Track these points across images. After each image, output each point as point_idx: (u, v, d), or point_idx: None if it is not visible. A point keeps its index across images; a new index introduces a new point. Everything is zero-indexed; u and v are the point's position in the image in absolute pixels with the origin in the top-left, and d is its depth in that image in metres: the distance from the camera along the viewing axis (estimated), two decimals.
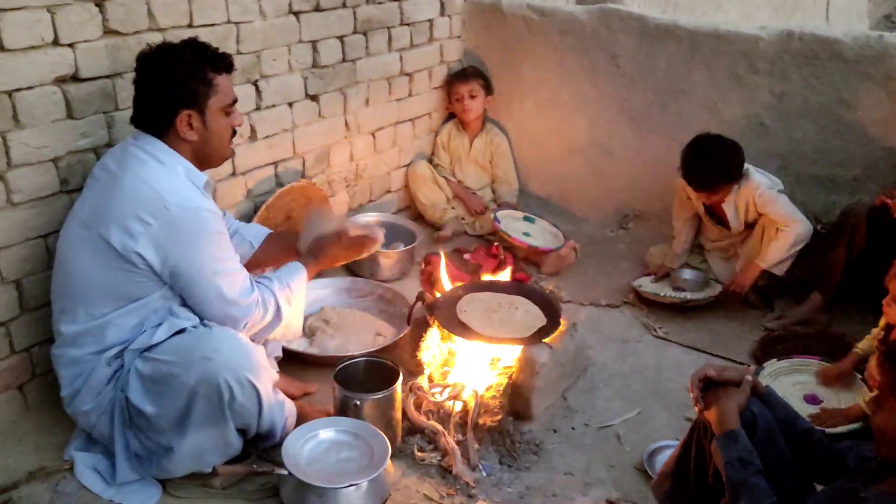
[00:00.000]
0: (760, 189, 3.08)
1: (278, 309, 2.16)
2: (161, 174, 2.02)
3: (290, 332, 2.25)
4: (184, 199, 2.00)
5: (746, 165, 3.12)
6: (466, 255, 3.46)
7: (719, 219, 3.29)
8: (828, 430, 2.32)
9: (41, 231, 2.26)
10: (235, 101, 2.17)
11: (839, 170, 3.40)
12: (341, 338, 2.85)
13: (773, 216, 3.09)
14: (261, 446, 2.22)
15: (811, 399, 2.54)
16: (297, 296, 2.22)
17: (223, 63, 2.11)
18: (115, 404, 2.06)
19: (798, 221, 3.07)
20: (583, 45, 3.75)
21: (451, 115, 3.98)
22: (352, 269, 3.33)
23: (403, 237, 3.47)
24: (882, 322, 2.47)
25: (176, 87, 2.02)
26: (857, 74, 3.25)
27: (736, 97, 3.47)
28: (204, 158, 2.15)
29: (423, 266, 3.43)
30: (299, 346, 2.76)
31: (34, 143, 2.17)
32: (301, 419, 2.26)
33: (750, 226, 3.23)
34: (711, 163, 3.03)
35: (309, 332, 2.88)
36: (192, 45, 2.09)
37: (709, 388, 1.80)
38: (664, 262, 3.44)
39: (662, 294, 3.23)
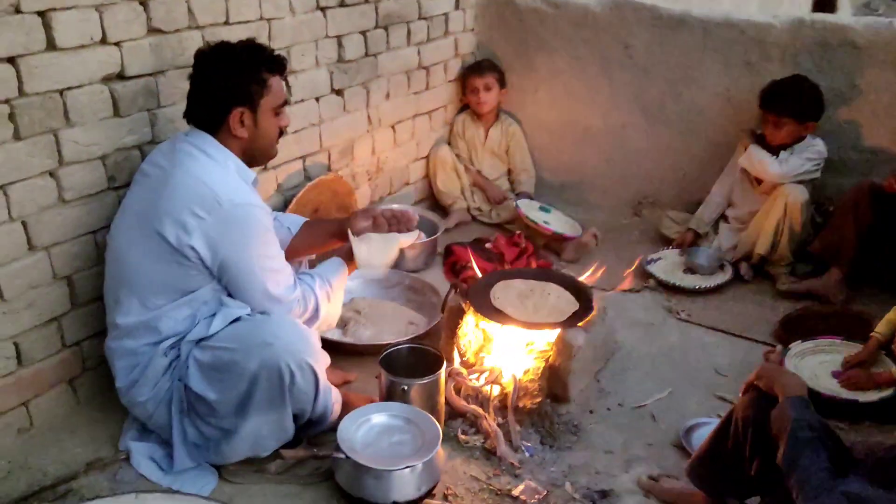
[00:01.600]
0: (820, 145, 3.30)
1: (317, 308, 2.22)
2: (212, 170, 2.08)
3: (324, 325, 2.30)
4: (235, 195, 2.05)
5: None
6: (488, 244, 3.52)
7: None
8: (860, 400, 2.42)
9: (91, 227, 2.31)
10: (286, 102, 2.23)
11: (851, 153, 3.50)
12: (374, 328, 2.91)
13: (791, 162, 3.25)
14: (311, 433, 2.28)
15: (839, 375, 2.62)
16: (337, 292, 2.29)
17: (277, 65, 2.17)
18: (172, 393, 2.12)
19: (783, 177, 3.24)
20: (596, 36, 3.82)
21: (464, 107, 4.05)
22: None
23: (425, 228, 3.50)
24: None
25: (232, 85, 2.08)
26: (868, 60, 3.34)
27: (748, 84, 3.54)
28: (252, 156, 2.21)
29: (445, 256, 3.51)
30: (333, 335, 2.81)
31: (84, 140, 2.22)
32: (346, 406, 2.32)
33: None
34: (810, 90, 3.24)
35: (341, 323, 2.93)
36: (250, 45, 2.15)
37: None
38: (692, 226, 3.57)
39: (673, 281, 3.33)
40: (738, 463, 1.89)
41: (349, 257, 2.35)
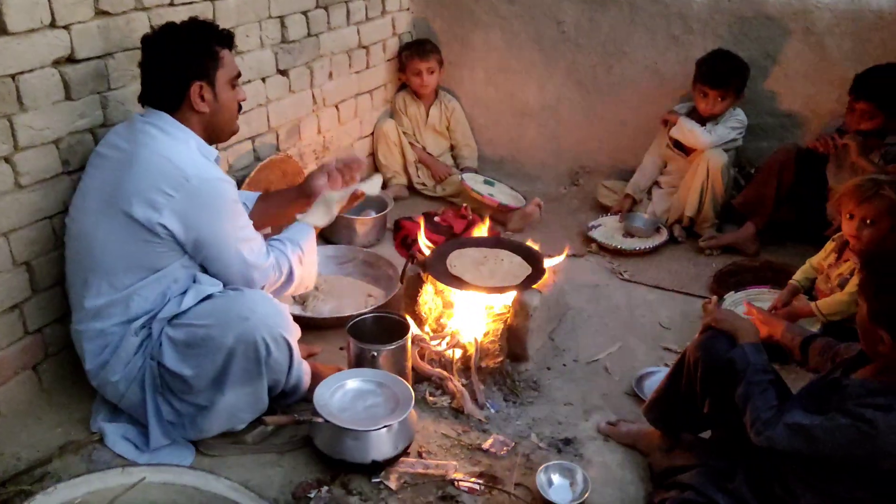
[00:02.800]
0: (741, 115, 3.56)
1: (291, 272, 2.28)
2: (175, 147, 2.10)
3: (301, 288, 2.37)
4: (202, 171, 2.09)
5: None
6: (436, 218, 3.62)
7: (683, 149, 3.66)
8: None
9: (47, 212, 2.29)
10: (239, 74, 2.26)
11: (767, 118, 3.75)
12: (334, 301, 2.98)
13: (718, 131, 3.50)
14: (283, 403, 2.35)
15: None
16: (309, 255, 2.35)
17: (226, 39, 2.22)
18: (144, 372, 2.14)
19: (711, 144, 3.47)
20: (528, 12, 3.95)
21: (403, 85, 4.12)
22: (328, 238, 3.45)
23: (374, 205, 3.60)
24: (824, 251, 2.81)
25: (187, 60, 2.11)
26: (781, 30, 3.58)
27: (674, 56, 3.75)
28: (214, 131, 2.24)
29: (394, 231, 3.59)
30: (294, 310, 2.86)
31: (37, 125, 2.20)
32: (315, 377, 2.39)
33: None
34: (736, 63, 3.47)
35: (300, 300, 2.99)
36: (197, 23, 2.18)
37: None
38: (629, 192, 3.78)
39: (615, 245, 3.53)
40: (691, 401, 2.07)
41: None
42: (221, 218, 2.10)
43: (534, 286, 2.69)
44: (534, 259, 2.84)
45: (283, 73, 3.21)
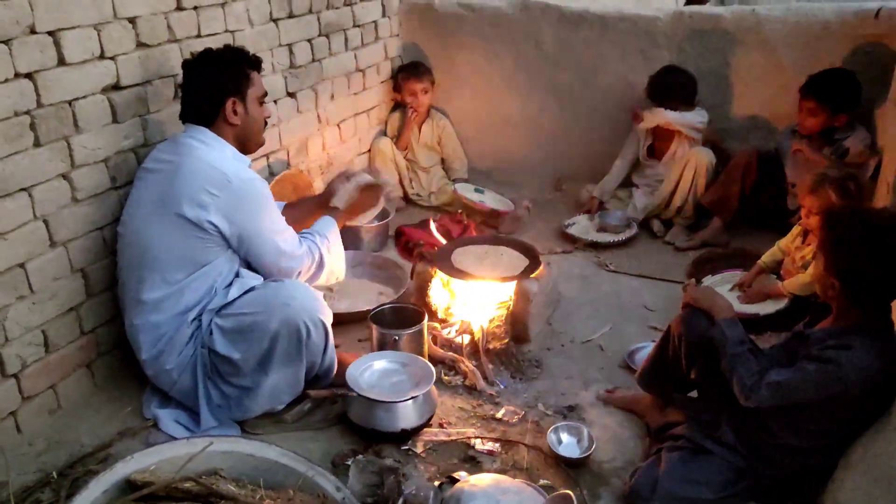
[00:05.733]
0: (705, 116, 3.89)
1: (321, 258, 2.58)
2: (215, 155, 2.41)
3: (333, 277, 2.66)
4: (241, 173, 2.39)
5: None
6: (434, 224, 3.91)
7: (653, 152, 4.02)
8: (761, 313, 2.98)
9: (98, 224, 2.55)
10: (266, 94, 2.58)
11: (729, 122, 4.12)
12: (348, 300, 3.26)
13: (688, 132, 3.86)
14: (317, 386, 2.61)
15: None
16: (335, 244, 2.64)
17: (255, 62, 2.55)
18: (196, 359, 2.41)
19: (679, 120, 3.84)
20: (510, 34, 4.29)
21: (395, 105, 4.44)
22: None
23: (377, 214, 3.88)
24: (791, 234, 3.16)
25: (223, 79, 2.44)
26: (738, 42, 3.95)
27: (643, 69, 4.09)
28: (245, 143, 2.55)
29: (396, 238, 3.89)
30: None
31: (91, 145, 2.47)
32: (340, 364, 2.65)
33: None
34: (678, 79, 3.82)
35: None
36: (231, 48, 2.52)
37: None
38: (595, 194, 4.13)
39: (591, 239, 3.89)
40: (677, 368, 2.37)
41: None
42: (260, 212, 2.40)
43: (532, 276, 3.00)
44: (530, 253, 3.15)
45: (292, 95, 3.51)
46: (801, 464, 2.10)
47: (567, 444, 2.42)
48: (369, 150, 4.28)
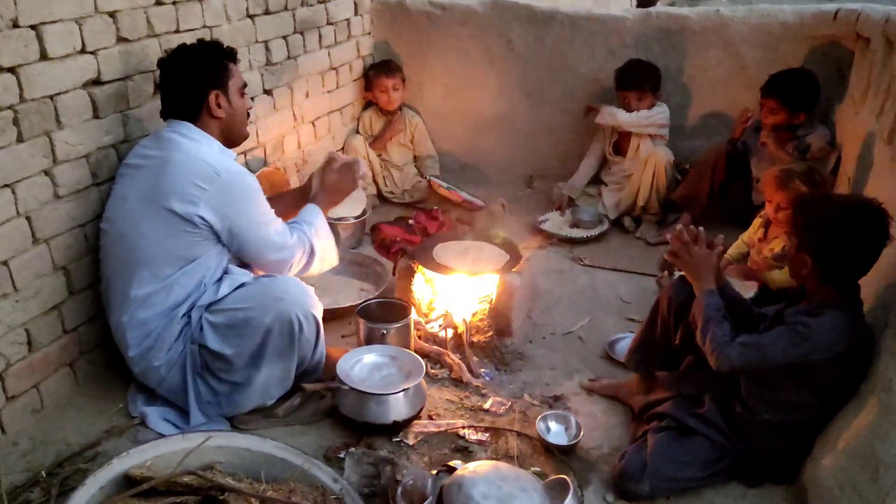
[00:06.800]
0: (666, 111, 4.02)
1: (312, 246, 2.57)
2: (202, 149, 2.40)
3: (327, 264, 2.66)
4: (228, 166, 2.39)
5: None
6: (410, 221, 3.94)
7: (619, 150, 4.13)
8: None
9: (80, 221, 2.51)
10: (246, 84, 2.58)
11: (694, 120, 4.24)
12: (330, 297, 3.26)
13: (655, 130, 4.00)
14: (306, 381, 2.61)
15: None
16: (323, 230, 2.64)
17: (231, 54, 2.56)
18: (185, 355, 2.39)
19: (630, 122, 3.98)
20: (481, 33, 4.34)
21: (368, 104, 4.45)
22: None
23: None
24: (753, 227, 3.27)
25: (203, 73, 2.43)
26: (703, 42, 4.07)
27: (612, 67, 4.17)
28: (230, 136, 2.54)
29: (372, 234, 3.90)
30: None
31: (72, 141, 2.43)
32: (327, 359, 2.67)
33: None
34: (645, 67, 3.97)
35: None
36: (205, 42, 2.53)
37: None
38: (565, 192, 4.22)
39: (565, 234, 3.98)
40: (666, 341, 2.46)
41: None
42: (250, 205, 2.40)
43: (514, 269, 3.05)
44: (510, 248, 3.20)
45: (269, 92, 3.50)
46: (783, 441, 2.20)
47: (556, 432, 2.48)
48: (342, 148, 4.28)
